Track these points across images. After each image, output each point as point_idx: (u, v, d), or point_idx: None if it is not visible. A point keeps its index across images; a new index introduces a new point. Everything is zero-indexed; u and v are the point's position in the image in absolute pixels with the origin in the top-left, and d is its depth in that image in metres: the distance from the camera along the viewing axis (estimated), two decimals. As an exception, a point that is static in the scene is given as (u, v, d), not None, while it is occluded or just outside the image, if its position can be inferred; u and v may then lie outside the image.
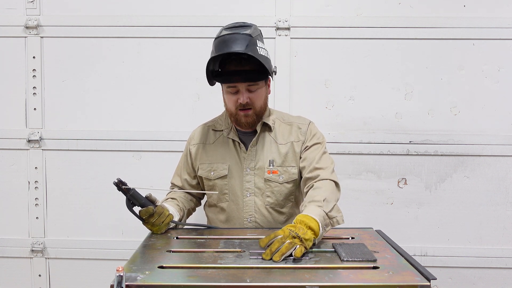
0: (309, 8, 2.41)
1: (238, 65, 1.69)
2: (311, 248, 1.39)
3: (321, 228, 1.42)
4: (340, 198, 1.82)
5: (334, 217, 1.52)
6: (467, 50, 2.40)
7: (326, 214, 1.49)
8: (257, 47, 1.64)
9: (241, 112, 1.73)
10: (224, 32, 1.66)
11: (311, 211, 1.47)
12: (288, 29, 2.39)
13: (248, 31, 1.64)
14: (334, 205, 1.55)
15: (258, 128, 1.80)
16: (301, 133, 1.82)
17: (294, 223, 1.41)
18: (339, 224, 1.54)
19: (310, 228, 1.38)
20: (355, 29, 2.40)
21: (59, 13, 2.45)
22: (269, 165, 1.78)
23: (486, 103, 2.42)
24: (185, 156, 1.92)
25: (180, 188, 1.91)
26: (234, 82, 1.69)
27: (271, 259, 1.30)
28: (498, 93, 2.41)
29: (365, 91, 2.43)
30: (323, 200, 1.53)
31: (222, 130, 1.85)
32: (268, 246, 1.34)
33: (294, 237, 1.33)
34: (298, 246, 1.31)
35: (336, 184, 1.69)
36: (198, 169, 1.86)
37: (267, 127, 1.83)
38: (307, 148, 1.79)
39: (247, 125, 1.77)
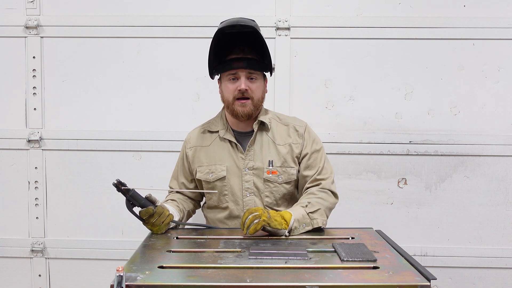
0: (309, 8, 2.41)
1: (240, 52, 1.73)
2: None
3: (293, 220, 1.59)
4: (340, 199, 1.82)
5: (315, 218, 1.64)
6: (467, 50, 2.40)
7: (307, 214, 1.64)
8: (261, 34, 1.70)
9: (238, 101, 1.73)
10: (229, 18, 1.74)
11: (292, 209, 1.67)
12: (288, 29, 2.39)
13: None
14: (318, 209, 1.67)
15: (255, 127, 1.80)
16: (299, 135, 1.84)
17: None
18: (318, 225, 1.65)
19: (283, 217, 1.58)
20: (355, 29, 2.40)
21: (59, 13, 2.45)
22: (269, 166, 1.78)
23: (486, 103, 2.42)
24: (182, 159, 1.91)
25: (178, 192, 1.91)
26: (236, 68, 1.71)
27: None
28: (498, 93, 2.41)
29: (365, 91, 2.43)
30: (308, 203, 1.68)
31: (218, 131, 1.85)
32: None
33: (263, 214, 1.53)
34: (259, 220, 1.51)
35: (334, 193, 1.79)
36: (196, 172, 1.85)
37: (264, 126, 1.83)
38: (307, 156, 1.82)
39: (244, 116, 1.75)
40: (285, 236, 1.57)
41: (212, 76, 1.80)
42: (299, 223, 1.61)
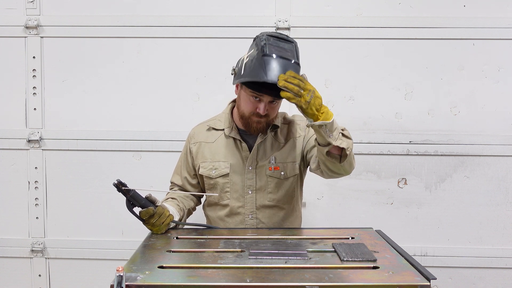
0: (309, 8, 2.41)
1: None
2: None
3: (331, 121, 1.48)
4: (340, 199, 1.82)
5: (341, 140, 1.53)
6: (467, 50, 2.40)
7: (340, 132, 1.54)
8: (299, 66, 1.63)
9: (255, 118, 1.72)
10: (274, 51, 1.59)
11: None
12: (288, 29, 2.39)
13: (296, 59, 1.62)
14: (349, 140, 1.57)
15: (268, 130, 1.81)
16: (301, 128, 1.85)
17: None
18: (342, 146, 1.53)
19: (322, 111, 1.48)
20: (355, 29, 2.40)
21: (59, 13, 2.45)
22: (271, 162, 1.79)
23: (486, 103, 2.42)
24: (185, 154, 1.92)
25: (180, 186, 1.91)
26: (263, 93, 1.66)
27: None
28: (498, 93, 2.41)
29: (365, 91, 2.43)
30: (345, 129, 1.58)
31: (223, 129, 1.85)
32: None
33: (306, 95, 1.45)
34: (298, 98, 1.44)
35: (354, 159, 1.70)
36: (199, 168, 1.86)
37: (273, 127, 1.83)
38: (313, 136, 1.77)
39: (257, 131, 1.77)
40: (307, 125, 1.50)
41: (234, 83, 1.76)
42: (331, 129, 1.50)
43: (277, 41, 1.63)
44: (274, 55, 1.57)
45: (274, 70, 1.55)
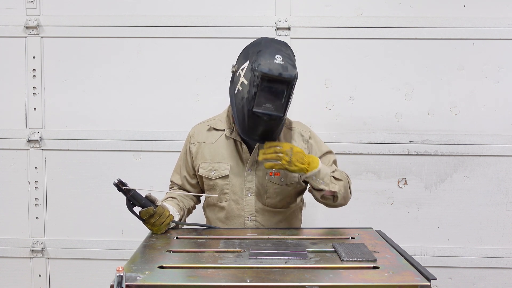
0: (309, 8, 2.41)
1: None
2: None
3: (318, 169, 1.63)
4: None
5: (334, 184, 1.70)
6: (467, 50, 2.40)
7: (331, 175, 1.69)
8: (290, 100, 1.66)
9: None
10: (262, 102, 1.60)
11: (320, 161, 1.69)
12: (288, 29, 2.39)
13: (286, 101, 1.63)
14: (340, 180, 1.72)
15: None
16: (304, 140, 1.84)
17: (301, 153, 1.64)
18: (334, 190, 1.69)
19: (308, 163, 1.62)
20: (355, 29, 2.41)
21: (59, 13, 2.45)
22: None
23: (486, 103, 2.42)
24: (185, 154, 1.91)
25: (180, 186, 1.91)
26: None
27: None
28: (498, 93, 2.41)
29: (365, 91, 2.43)
30: (335, 170, 1.73)
31: (224, 130, 1.85)
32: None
33: (285, 156, 1.59)
34: (279, 162, 1.60)
35: (350, 191, 1.84)
36: (198, 168, 1.85)
37: None
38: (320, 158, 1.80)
39: None
40: (298, 178, 1.64)
41: (230, 89, 1.78)
42: (321, 176, 1.66)
43: (270, 85, 1.59)
44: (260, 118, 1.60)
45: (257, 132, 1.66)
